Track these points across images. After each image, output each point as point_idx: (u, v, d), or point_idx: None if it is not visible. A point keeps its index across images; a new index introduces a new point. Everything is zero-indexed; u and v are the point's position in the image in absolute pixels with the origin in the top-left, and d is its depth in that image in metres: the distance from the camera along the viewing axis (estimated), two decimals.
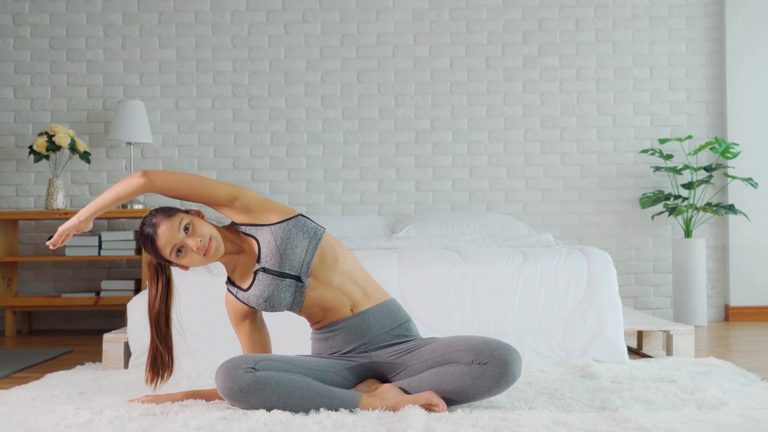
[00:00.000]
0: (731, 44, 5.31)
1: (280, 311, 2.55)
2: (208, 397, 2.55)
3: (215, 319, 3.34)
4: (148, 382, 2.50)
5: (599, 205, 5.36)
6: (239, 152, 5.35)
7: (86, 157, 5.00)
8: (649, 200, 5.16)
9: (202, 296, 3.38)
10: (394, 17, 5.40)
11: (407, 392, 2.42)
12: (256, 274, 2.49)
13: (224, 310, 3.24)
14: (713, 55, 5.37)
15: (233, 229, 2.54)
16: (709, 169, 5.14)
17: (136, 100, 5.25)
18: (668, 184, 5.34)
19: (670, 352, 3.55)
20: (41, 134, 4.90)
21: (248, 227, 2.51)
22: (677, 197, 5.13)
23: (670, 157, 5.13)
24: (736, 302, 5.28)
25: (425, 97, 5.38)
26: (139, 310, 3.37)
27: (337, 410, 2.34)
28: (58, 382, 3.03)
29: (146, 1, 5.37)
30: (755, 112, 5.31)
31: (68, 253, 4.90)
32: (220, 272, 3.32)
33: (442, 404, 2.33)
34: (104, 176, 5.33)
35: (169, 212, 2.42)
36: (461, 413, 2.30)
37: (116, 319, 5.31)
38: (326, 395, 2.36)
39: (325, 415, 2.28)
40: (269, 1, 5.39)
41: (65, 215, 4.82)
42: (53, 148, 4.88)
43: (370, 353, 2.53)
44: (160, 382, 2.51)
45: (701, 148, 5.10)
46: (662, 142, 5.20)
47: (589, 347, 3.36)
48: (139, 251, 4.92)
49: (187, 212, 2.46)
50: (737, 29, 5.31)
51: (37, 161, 4.91)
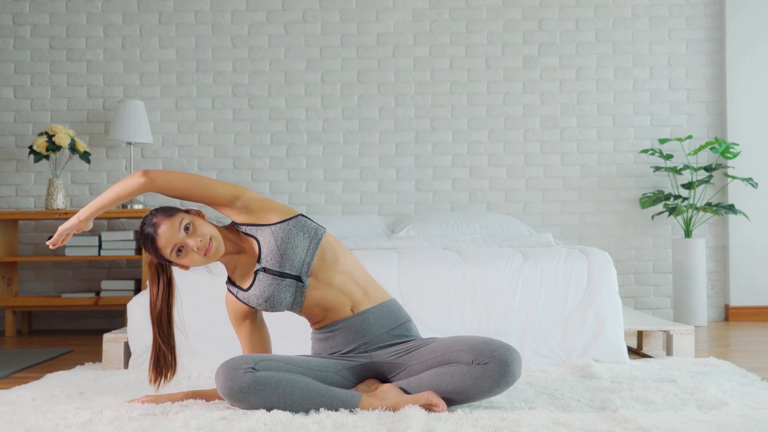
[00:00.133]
0: (731, 44, 5.31)
1: (280, 311, 2.55)
2: (208, 397, 2.55)
3: (215, 319, 3.34)
4: (151, 382, 2.50)
5: (599, 205, 5.36)
6: (239, 152, 5.35)
7: (86, 157, 5.00)
8: (649, 200, 5.16)
9: (202, 296, 3.38)
10: (394, 17, 5.40)
11: (407, 392, 2.41)
12: (256, 274, 2.49)
13: (224, 310, 3.24)
14: (713, 55, 5.37)
15: (233, 229, 2.54)
16: (709, 169, 5.14)
17: (136, 100, 5.25)
18: (668, 184, 5.34)
19: (670, 352, 3.55)
20: (41, 134, 4.90)
21: (249, 227, 2.50)
22: (677, 197, 5.13)
23: (670, 157, 5.13)
24: (736, 302, 5.28)
25: (425, 97, 5.38)
26: (139, 310, 3.37)
27: (337, 410, 2.34)
28: (58, 382, 3.03)
29: (146, 1, 5.37)
30: (755, 112, 5.31)
31: (68, 253, 4.90)
32: (220, 272, 3.32)
33: (442, 404, 2.33)
34: (104, 176, 5.33)
35: (169, 212, 2.42)
36: (461, 413, 2.30)
37: (116, 319, 5.31)
38: (326, 395, 2.35)
39: (325, 415, 2.28)
40: (269, 1, 5.39)
41: (65, 215, 4.81)
42: (53, 148, 4.88)
43: (370, 353, 2.53)
44: (163, 381, 2.51)
45: (701, 148, 5.10)
46: (662, 142, 5.20)
47: (589, 347, 3.36)
48: (139, 251, 4.92)
49: (187, 212, 2.46)
50: (737, 29, 5.31)
51: (37, 161, 4.91)
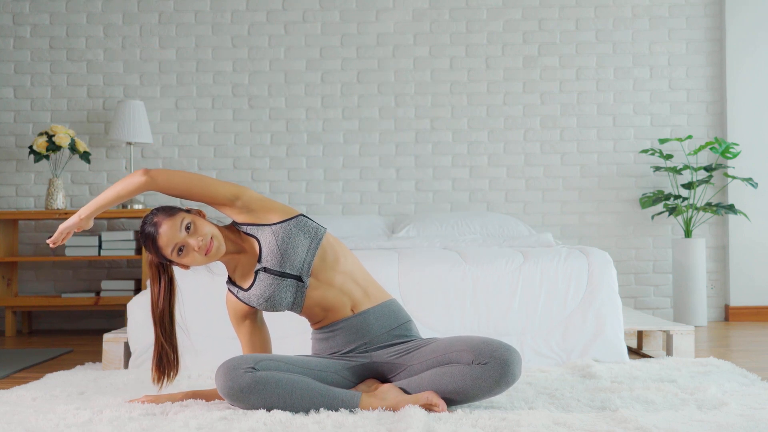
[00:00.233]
0: (731, 44, 5.31)
1: (280, 311, 2.55)
2: (208, 397, 2.55)
3: (215, 318, 3.34)
4: (155, 381, 2.49)
5: (599, 205, 5.36)
6: (239, 152, 5.35)
7: (86, 157, 5.00)
8: (649, 200, 5.16)
9: (202, 296, 3.38)
10: (394, 17, 5.40)
11: (407, 392, 2.41)
12: (257, 273, 2.49)
13: (224, 309, 3.24)
14: (713, 55, 5.37)
15: (234, 228, 2.53)
16: (709, 169, 5.14)
17: (136, 100, 5.25)
18: (668, 184, 5.34)
19: (670, 352, 3.55)
20: (41, 134, 4.90)
21: (249, 227, 2.50)
22: (677, 197, 5.13)
23: (670, 157, 5.13)
24: (736, 302, 5.28)
25: (425, 97, 5.38)
26: (139, 310, 3.37)
27: (337, 410, 2.34)
28: (58, 382, 3.03)
29: (146, 1, 5.37)
30: (755, 112, 5.31)
31: (68, 253, 4.90)
32: (220, 271, 3.31)
33: (442, 404, 2.33)
34: (104, 176, 5.33)
35: (170, 211, 2.42)
36: (461, 413, 2.30)
37: (116, 319, 5.31)
38: (326, 395, 2.35)
39: (325, 415, 2.28)
40: (269, 1, 5.39)
41: (65, 215, 4.81)
42: (53, 148, 4.88)
43: (370, 353, 2.53)
44: (167, 381, 2.51)
45: (701, 148, 5.10)
46: (662, 142, 5.20)
47: (589, 347, 3.36)
48: (139, 251, 4.92)
49: (188, 211, 2.46)
50: (737, 29, 5.31)
51: (37, 161, 4.91)
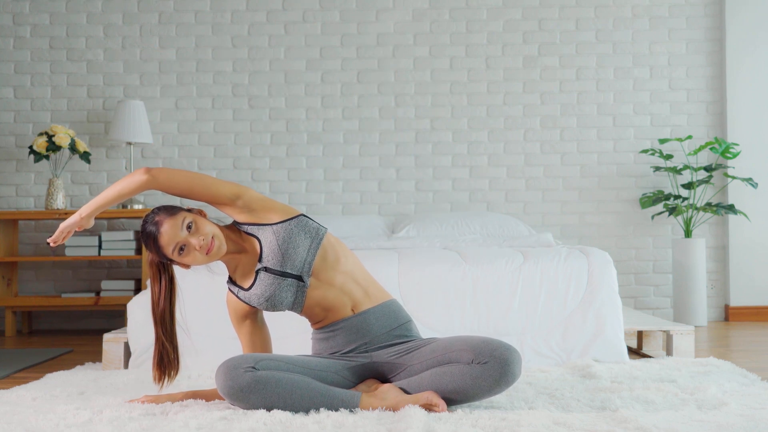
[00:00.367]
0: (731, 44, 5.31)
1: (281, 311, 2.55)
2: (208, 397, 2.55)
3: (216, 318, 3.34)
4: (155, 380, 2.49)
5: (599, 205, 5.36)
6: (239, 152, 5.35)
7: (86, 157, 5.00)
8: (649, 200, 5.16)
9: (202, 296, 3.38)
10: (394, 17, 5.40)
11: (407, 392, 2.41)
12: (257, 273, 2.49)
13: (225, 309, 3.24)
14: (713, 55, 5.37)
15: (235, 228, 2.53)
16: (709, 169, 5.14)
17: (136, 100, 5.25)
18: (668, 184, 5.34)
19: (670, 352, 3.55)
20: (41, 134, 4.90)
21: (250, 226, 2.50)
22: (677, 197, 5.13)
23: (670, 157, 5.13)
24: (736, 302, 5.28)
25: (425, 97, 5.38)
26: (139, 310, 3.37)
27: (337, 410, 2.34)
28: (58, 382, 3.03)
29: (146, 1, 5.37)
30: (755, 112, 5.31)
31: (68, 253, 4.90)
32: (220, 271, 3.31)
33: (442, 404, 2.33)
34: (104, 176, 5.33)
35: (171, 210, 2.42)
36: (461, 413, 2.30)
37: (116, 319, 5.31)
38: (326, 395, 2.35)
39: (325, 415, 2.28)
40: (269, 1, 5.39)
41: (65, 215, 4.81)
42: (53, 148, 4.88)
43: (370, 353, 2.53)
44: (167, 381, 2.50)
45: (701, 148, 5.10)
46: (662, 142, 5.19)
47: (589, 347, 3.36)
48: (139, 251, 4.92)
49: (189, 211, 2.46)
50: (737, 29, 5.31)
51: (37, 161, 4.91)
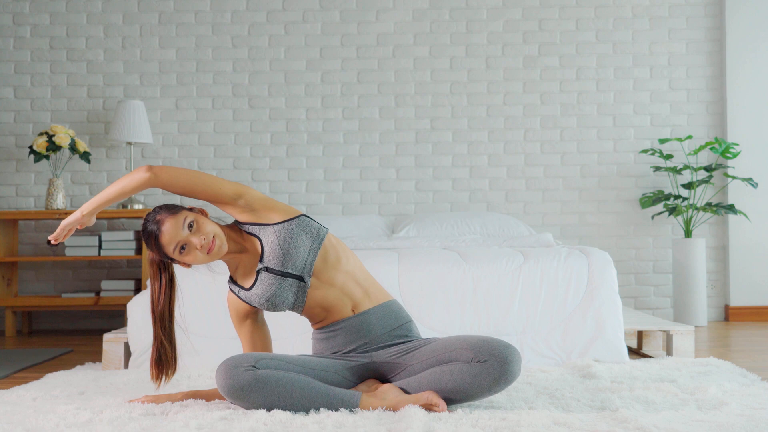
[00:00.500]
0: (731, 44, 5.31)
1: (282, 311, 2.55)
2: (208, 397, 2.55)
3: (216, 318, 3.34)
4: (153, 379, 2.49)
5: (599, 205, 5.36)
6: (239, 152, 5.35)
7: (86, 157, 5.00)
8: (649, 200, 5.16)
9: (202, 296, 3.38)
10: (394, 17, 5.40)
11: (407, 392, 2.41)
12: (258, 273, 2.49)
13: (225, 309, 3.25)
14: (713, 55, 5.37)
15: (236, 228, 2.53)
16: (709, 169, 5.14)
17: (136, 100, 5.25)
18: (668, 184, 5.34)
19: (670, 352, 3.55)
20: (41, 134, 4.90)
21: (251, 226, 2.50)
22: (677, 197, 5.13)
23: (670, 157, 5.13)
24: (736, 302, 5.28)
25: (425, 97, 5.38)
26: (139, 310, 3.37)
27: (337, 410, 2.34)
28: (58, 382, 3.03)
29: (146, 1, 5.37)
30: (755, 112, 5.31)
31: (68, 253, 4.90)
32: (221, 270, 3.32)
33: (442, 404, 2.33)
34: (104, 176, 5.33)
35: (173, 209, 2.42)
36: (461, 413, 2.30)
37: (116, 319, 5.31)
38: (326, 395, 2.35)
39: (325, 414, 2.28)
40: (269, 1, 5.39)
41: (65, 215, 4.81)
42: (53, 148, 4.88)
43: (370, 353, 2.53)
44: (165, 379, 2.50)
45: (701, 148, 5.10)
46: (662, 142, 5.20)
47: (589, 347, 3.36)
48: (139, 251, 4.92)
49: (191, 210, 2.46)
50: (737, 29, 5.31)
51: (37, 161, 4.91)
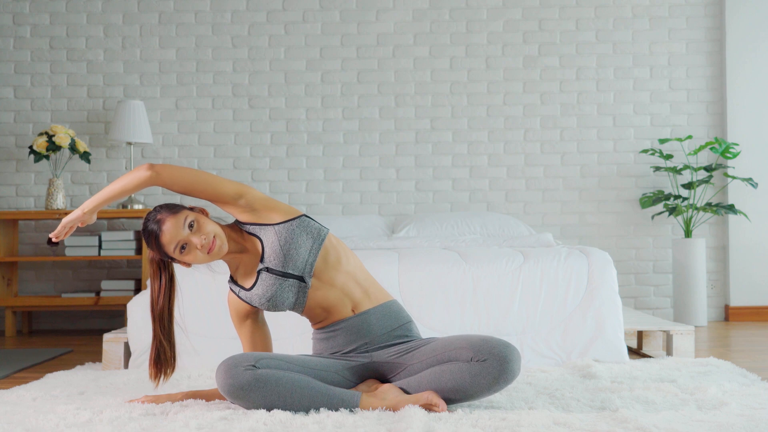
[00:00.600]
0: (731, 44, 5.31)
1: (282, 311, 2.56)
2: (208, 397, 2.55)
3: (216, 318, 3.34)
4: (152, 378, 2.49)
5: (599, 205, 5.36)
6: (239, 152, 5.35)
7: (86, 157, 5.00)
8: (649, 200, 5.16)
9: (202, 296, 3.38)
10: (394, 17, 5.40)
11: (407, 392, 2.42)
12: (259, 273, 2.49)
13: (225, 309, 3.25)
14: (713, 55, 5.37)
15: (237, 228, 2.53)
16: (709, 169, 5.14)
17: (136, 100, 5.25)
18: (668, 184, 5.34)
19: (670, 352, 3.55)
20: (41, 134, 4.90)
21: (252, 226, 2.50)
22: (677, 197, 5.13)
23: (670, 157, 5.13)
24: (736, 302, 5.28)
25: (425, 97, 5.38)
26: (139, 310, 3.37)
27: (337, 410, 2.34)
28: (58, 382, 3.03)
29: (146, 1, 5.37)
30: (755, 112, 5.31)
31: (68, 253, 4.90)
32: (221, 270, 3.32)
33: (442, 404, 2.33)
34: (104, 176, 5.33)
35: (173, 209, 2.42)
36: (461, 413, 2.30)
37: (116, 319, 5.31)
38: (326, 394, 2.35)
39: (325, 414, 2.28)
40: (269, 1, 5.39)
41: (65, 215, 4.80)
42: (53, 148, 4.88)
43: (370, 353, 2.53)
44: (163, 378, 2.50)
45: (701, 148, 5.10)
46: (662, 142, 5.20)
47: (589, 347, 3.36)
48: (139, 251, 4.92)
49: (191, 209, 2.45)
50: (737, 29, 5.31)
51: (37, 161, 4.91)
